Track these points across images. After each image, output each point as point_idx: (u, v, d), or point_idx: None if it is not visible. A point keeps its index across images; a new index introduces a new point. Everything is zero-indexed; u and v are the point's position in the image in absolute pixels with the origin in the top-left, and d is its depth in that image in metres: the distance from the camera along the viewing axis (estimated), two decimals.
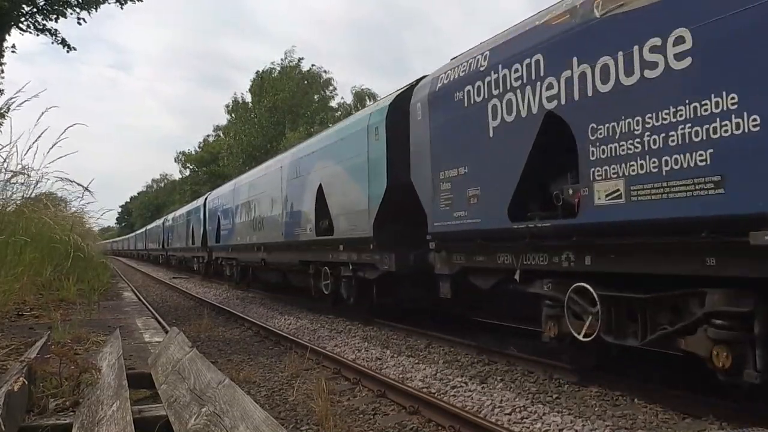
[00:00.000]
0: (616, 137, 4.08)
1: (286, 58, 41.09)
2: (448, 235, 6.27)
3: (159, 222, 36.92)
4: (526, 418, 4.16)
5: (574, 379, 5.06)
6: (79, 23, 13.32)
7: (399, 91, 8.14)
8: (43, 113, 7.57)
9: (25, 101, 7.21)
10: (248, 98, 43.10)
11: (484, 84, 5.60)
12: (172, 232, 28.67)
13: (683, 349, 3.95)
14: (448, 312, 8.39)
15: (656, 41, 3.82)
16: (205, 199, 20.91)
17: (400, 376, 5.55)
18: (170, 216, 31.80)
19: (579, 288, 4.64)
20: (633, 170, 3.96)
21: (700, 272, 3.68)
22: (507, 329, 7.38)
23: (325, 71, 42.60)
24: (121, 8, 13.83)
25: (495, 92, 5.43)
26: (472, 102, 5.80)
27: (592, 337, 4.52)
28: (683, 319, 3.91)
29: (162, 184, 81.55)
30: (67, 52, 13.92)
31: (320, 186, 9.77)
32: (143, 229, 49.13)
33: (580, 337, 4.62)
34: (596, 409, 4.33)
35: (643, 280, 4.17)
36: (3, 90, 12.94)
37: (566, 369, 5.22)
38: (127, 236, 68.39)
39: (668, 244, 3.85)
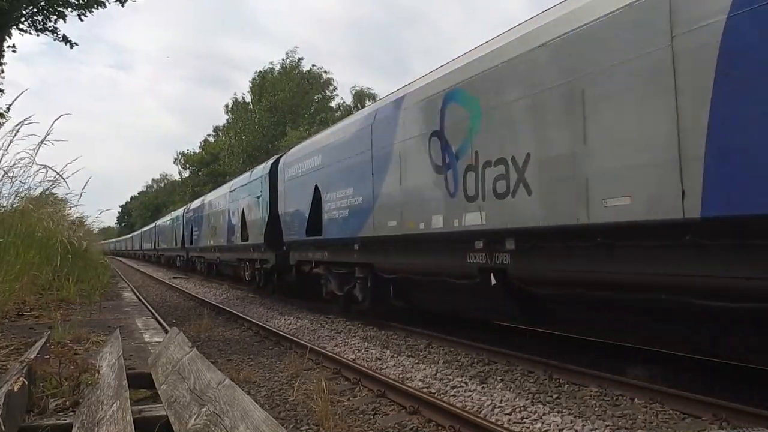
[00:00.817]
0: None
1: (287, 58, 41.14)
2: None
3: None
4: (526, 418, 4.17)
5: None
6: (81, 18, 13.32)
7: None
8: (55, 119, 7.66)
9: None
10: (248, 98, 43.13)
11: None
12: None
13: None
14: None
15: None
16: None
17: (400, 376, 5.55)
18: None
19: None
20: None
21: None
22: (508, 329, 7.38)
23: (325, 71, 42.63)
24: (122, 6, 13.83)
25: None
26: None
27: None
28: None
29: (162, 185, 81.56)
30: (70, 48, 13.92)
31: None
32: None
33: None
34: (596, 409, 4.33)
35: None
36: (3, 90, 12.95)
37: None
38: (126, 237, 68.73)
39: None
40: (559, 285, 5.19)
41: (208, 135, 54.79)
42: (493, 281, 5.85)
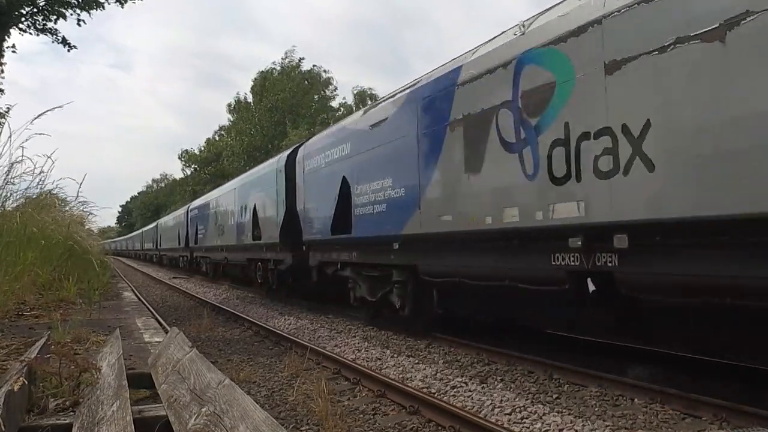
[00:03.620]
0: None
1: (286, 57, 41.10)
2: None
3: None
4: (526, 418, 4.17)
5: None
6: (79, 24, 13.29)
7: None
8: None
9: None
10: (251, 98, 43.10)
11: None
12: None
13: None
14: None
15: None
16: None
17: (400, 376, 5.55)
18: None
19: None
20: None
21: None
22: (507, 329, 7.37)
23: (325, 71, 42.61)
24: (122, 7, 13.80)
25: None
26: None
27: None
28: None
29: (162, 184, 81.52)
30: (68, 51, 13.90)
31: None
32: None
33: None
34: (596, 409, 4.33)
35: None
36: (3, 90, 12.94)
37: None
38: (126, 237, 68.71)
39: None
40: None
41: (215, 132, 54.69)
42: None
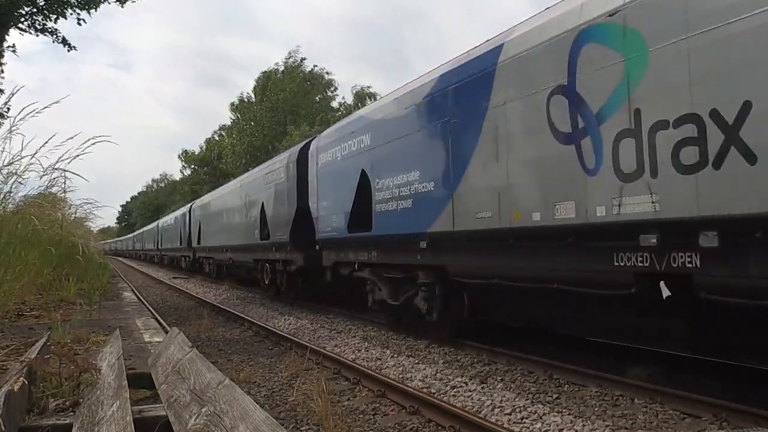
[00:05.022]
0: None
1: (289, 57, 41.11)
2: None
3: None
4: (526, 418, 4.17)
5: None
6: (79, 24, 13.30)
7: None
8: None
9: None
10: (253, 98, 43.11)
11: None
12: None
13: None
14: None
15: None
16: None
17: (400, 376, 5.55)
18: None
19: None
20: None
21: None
22: (507, 329, 7.37)
23: (327, 72, 42.65)
24: (122, 6, 13.79)
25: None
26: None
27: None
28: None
29: (162, 184, 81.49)
30: (68, 51, 13.90)
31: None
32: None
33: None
34: (596, 409, 4.33)
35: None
36: (3, 90, 12.93)
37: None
38: (126, 237, 68.70)
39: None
40: None
41: (214, 132, 54.62)
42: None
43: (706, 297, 3.85)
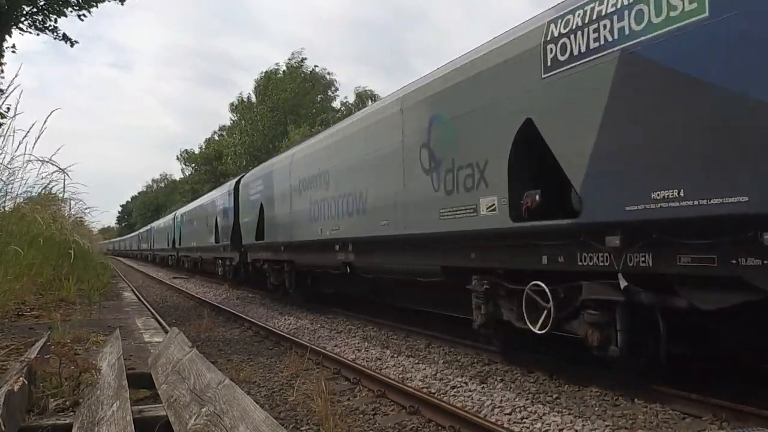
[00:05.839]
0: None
1: (293, 58, 41.13)
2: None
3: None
4: (526, 418, 4.16)
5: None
6: (81, 18, 13.24)
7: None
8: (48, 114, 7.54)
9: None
10: (254, 98, 43.12)
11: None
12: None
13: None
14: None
15: None
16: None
17: (400, 376, 5.55)
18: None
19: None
20: None
21: None
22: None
23: (328, 73, 42.71)
24: (122, 4, 13.76)
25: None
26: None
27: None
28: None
29: (162, 184, 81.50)
30: (71, 46, 13.82)
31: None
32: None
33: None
34: (596, 409, 4.33)
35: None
36: (3, 90, 12.92)
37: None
38: (125, 237, 68.88)
39: None
40: None
41: (214, 132, 54.62)
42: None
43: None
